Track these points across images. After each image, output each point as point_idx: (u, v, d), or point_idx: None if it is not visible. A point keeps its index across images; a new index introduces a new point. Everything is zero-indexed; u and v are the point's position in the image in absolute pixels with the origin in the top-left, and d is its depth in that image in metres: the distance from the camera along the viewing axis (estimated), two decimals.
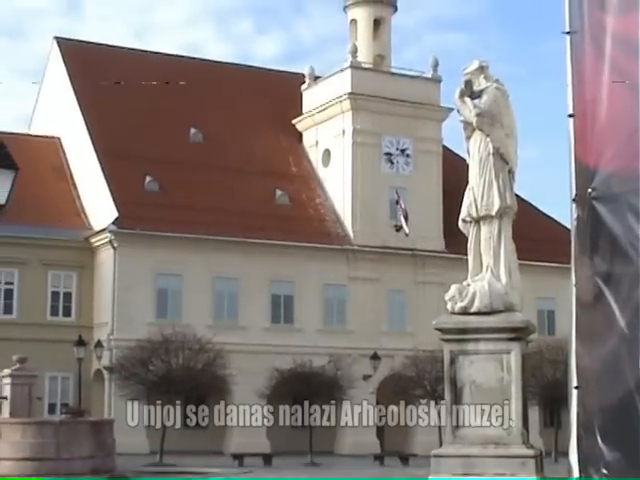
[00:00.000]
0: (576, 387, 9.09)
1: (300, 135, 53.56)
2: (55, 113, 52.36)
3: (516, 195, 12.93)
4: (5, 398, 28.18)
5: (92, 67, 50.49)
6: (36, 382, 30.76)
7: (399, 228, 48.92)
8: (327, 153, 51.88)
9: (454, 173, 41.09)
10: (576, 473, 8.95)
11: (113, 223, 44.83)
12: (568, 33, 9.44)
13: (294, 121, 53.41)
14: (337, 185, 50.65)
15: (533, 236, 42.28)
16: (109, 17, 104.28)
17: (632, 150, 8.63)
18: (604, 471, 8.49)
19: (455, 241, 30.78)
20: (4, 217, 16.45)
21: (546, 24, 76.57)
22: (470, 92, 12.79)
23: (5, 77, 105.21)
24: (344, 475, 26.75)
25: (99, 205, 46.74)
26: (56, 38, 53.50)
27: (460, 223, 12.90)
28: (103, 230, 45.58)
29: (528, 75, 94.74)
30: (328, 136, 51.55)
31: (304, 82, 53.69)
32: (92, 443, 26.10)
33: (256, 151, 50.73)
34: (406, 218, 48.80)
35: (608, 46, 8.88)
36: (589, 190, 9.05)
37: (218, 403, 11.44)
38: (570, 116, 9.46)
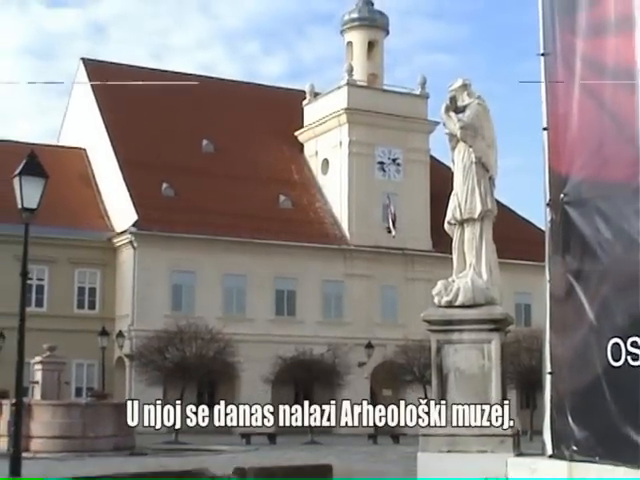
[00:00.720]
0: (550, 373, 9.09)
1: (301, 146, 53.54)
2: (81, 126, 52.36)
3: (496, 200, 12.91)
4: (37, 383, 28.20)
5: (115, 85, 50.46)
6: (64, 368, 30.74)
7: (390, 230, 48.99)
8: (326, 162, 51.88)
9: (440, 180, 41.01)
10: (549, 450, 8.96)
11: (133, 225, 44.86)
12: (542, 55, 9.45)
13: (296, 133, 53.40)
14: (335, 191, 50.64)
15: (512, 237, 42.23)
16: (130, 40, 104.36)
17: (599, 160, 8.65)
18: (574, 448, 8.51)
19: (441, 241, 30.78)
20: (35, 220, 16.45)
21: (523, 47, 76.65)
22: (455, 107, 12.77)
23: (36, 94, 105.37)
24: (341, 452, 26.74)
25: (120, 209, 46.75)
26: (82, 59, 53.49)
27: (446, 225, 12.88)
28: (124, 232, 45.60)
29: (507, 92, 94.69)
30: (327, 147, 51.55)
31: (305, 98, 53.70)
32: (114, 423, 26.16)
33: (262, 160, 50.72)
34: (394, 222, 48.91)
35: (578, 67, 8.90)
36: (561, 196, 9.05)
37: (226, 392, 11.40)
38: (544, 129, 9.46)
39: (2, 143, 47.44)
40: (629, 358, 7.92)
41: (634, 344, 7.89)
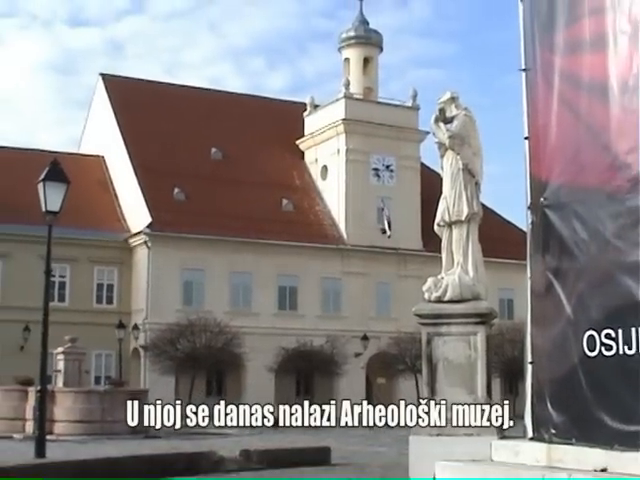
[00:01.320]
0: (530, 362, 9.11)
1: (302, 153, 53.57)
2: (100, 136, 52.38)
3: (482, 204, 12.92)
4: (59, 371, 28.22)
5: (131, 98, 50.54)
6: (84, 358, 30.77)
7: (384, 231, 49.03)
8: (325, 168, 51.91)
9: (430, 185, 41.06)
10: (530, 433, 8.98)
11: (147, 227, 44.91)
12: (524, 70, 9.47)
13: (297, 142, 53.43)
14: (333, 195, 50.67)
15: (496, 238, 42.08)
16: (145, 56, 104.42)
17: (576, 167, 8.67)
18: (553, 431, 8.53)
19: (431, 242, 30.77)
20: (58, 222, 16.51)
21: (506, 63, 76.35)
22: (443, 118, 12.76)
23: (59, 106, 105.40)
24: (339, 435, 26.68)
25: (136, 212, 46.77)
26: (101, 74, 53.53)
27: (435, 227, 12.87)
28: (139, 233, 45.64)
29: (492, 104, 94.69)
30: (326, 154, 51.58)
31: (306, 109, 53.73)
32: None
33: (266, 167, 50.74)
34: (389, 223, 48.95)
35: (556, 81, 8.92)
36: (541, 200, 9.06)
37: (232, 380, 11.39)
38: (526, 138, 9.48)
39: (27, 152, 47.55)
40: (603, 349, 7.95)
41: (608, 336, 7.92)
